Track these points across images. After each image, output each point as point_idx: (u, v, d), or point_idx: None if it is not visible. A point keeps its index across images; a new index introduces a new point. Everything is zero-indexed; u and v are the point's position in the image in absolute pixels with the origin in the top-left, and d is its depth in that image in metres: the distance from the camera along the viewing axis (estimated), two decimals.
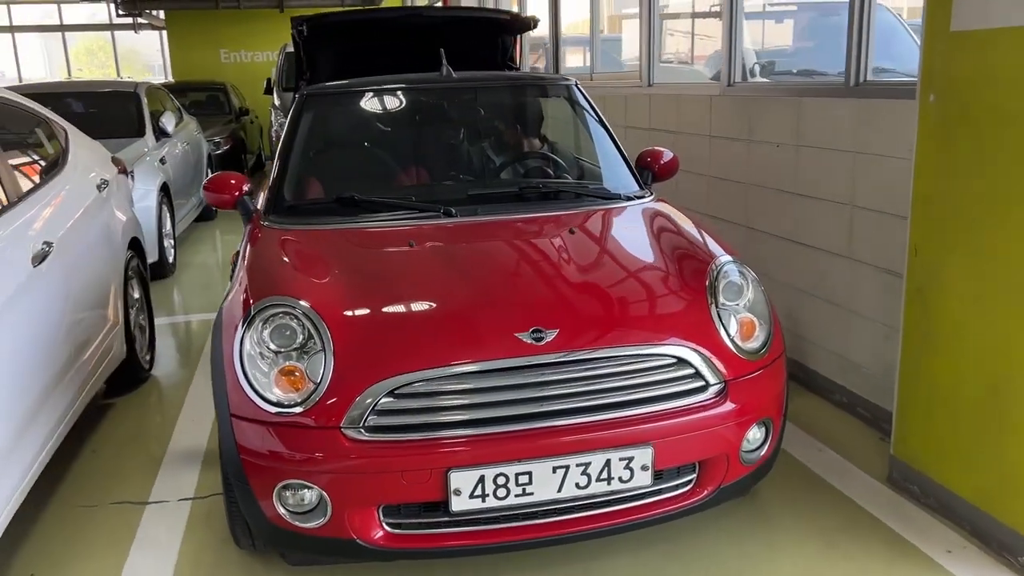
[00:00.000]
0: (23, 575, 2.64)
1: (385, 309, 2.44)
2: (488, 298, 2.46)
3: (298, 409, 2.23)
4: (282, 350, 2.31)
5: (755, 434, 2.51)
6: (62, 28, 22.41)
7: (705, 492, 2.45)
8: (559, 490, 2.25)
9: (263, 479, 2.27)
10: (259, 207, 3.19)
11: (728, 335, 2.46)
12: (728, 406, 2.39)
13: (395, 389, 2.20)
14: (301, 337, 2.31)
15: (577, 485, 2.26)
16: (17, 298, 2.69)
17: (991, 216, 2.43)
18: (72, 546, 2.79)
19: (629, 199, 3.23)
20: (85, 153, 4.02)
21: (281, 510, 2.28)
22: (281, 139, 3.37)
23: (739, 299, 2.57)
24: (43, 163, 3.56)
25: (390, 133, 3.66)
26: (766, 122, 4.02)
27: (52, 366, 2.88)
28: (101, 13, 21.46)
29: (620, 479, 2.28)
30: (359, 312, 2.41)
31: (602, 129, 3.58)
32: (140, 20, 19.01)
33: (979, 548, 2.56)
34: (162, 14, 17.27)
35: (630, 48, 6.82)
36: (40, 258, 2.91)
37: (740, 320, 2.52)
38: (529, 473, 2.22)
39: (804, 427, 3.45)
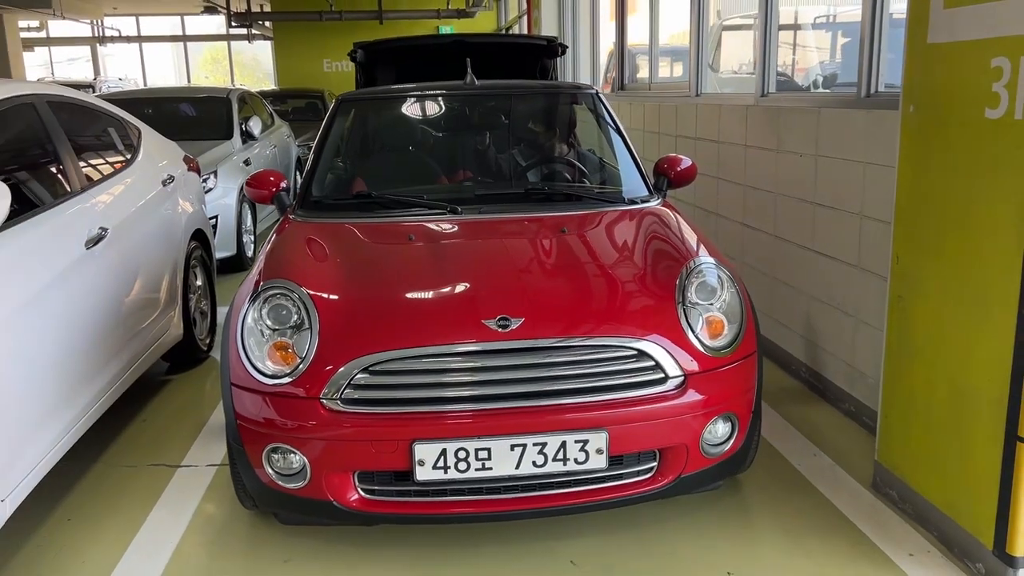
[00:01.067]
0: (62, 519, 2.99)
1: (369, 295, 2.67)
2: (463, 287, 2.66)
3: (286, 380, 2.48)
4: (278, 328, 2.58)
5: (719, 428, 2.61)
6: (184, 39, 23.92)
7: (665, 480, 2.57)
8: (517, 467, 2.42)
9: (255, 442, 2.53)
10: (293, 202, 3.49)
11: (692, 331, 2.57)
12: (687, 398, 2.51)
13: (370, 366, 2.43)
14: (296, 317, 2.57)
15: (534, 463, 2.43)
16: (69, 275, 3.05)
17: (959, 226, 2.46)
18: (107, 500, 3.13)
19: (633, 203, 3.37)
20: (154, 151, 4.43)
21: (270, 471, 2.54)
22: (316, 140, 3.67)
23: (711, 299, 2.68)
24: (111, 158, 3.97)
25: (412, 136, 3.93)
26: (791, 132, 4.07)
27: (100, 338, 3.24)
28: (221, 24, 22.84)
29: (575, 460, 2.44)
30: (346, 297, 2.65)
31: (618, 136, 3.72)
32: (253, 31, 20.12)
33: (941, 553, 2.58)
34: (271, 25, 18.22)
35: (728, 58, 6.81)
36: (94, 241, 3.28)
37: (708, 319, 2.64)
38: (488, 449, 2.40)
39: (807, 433, 3.49)
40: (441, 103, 3.90)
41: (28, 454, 2.68)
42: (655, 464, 2.57)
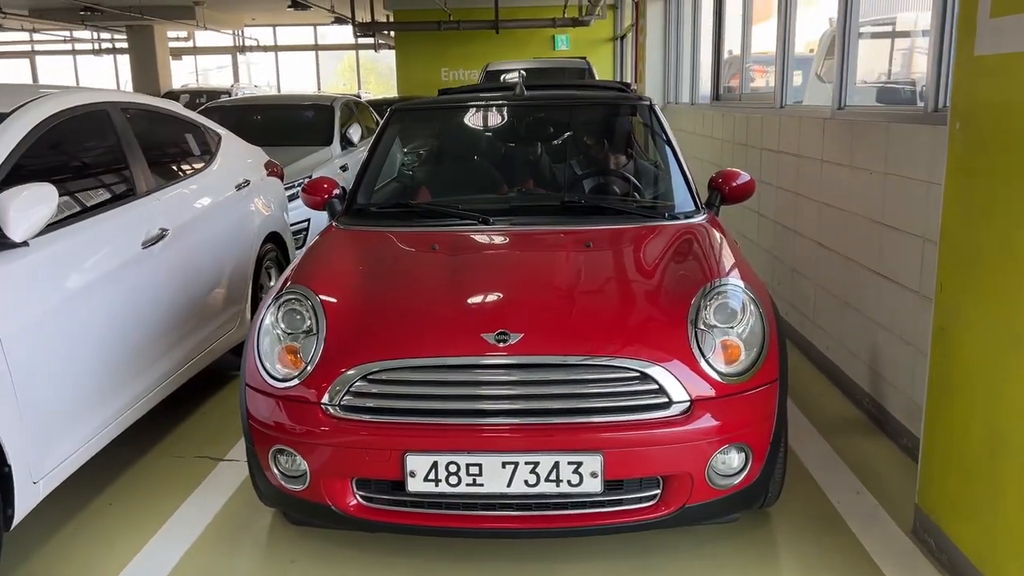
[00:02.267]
0: (104, 504, 3.17)
1: (377, 305, 2.70)
2: (469, 299, 2.65)
3: (292, 384, 2.54)
4: (291, 332, 2.64)
5: (730, 458, 2.49)
6: (316, 48, 24.98)
7: (668, 510, 2.47)
8: (508, 485, 2.38)
9: (263, 443, 2.60)
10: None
11: (703, 356, 2.46)
12: (693, 425, 2.40)
13: (368, 374, 2.45)
14: (307, 324, 2.63)
15: (526, 483, 2.38)
16: (122, 272, 3.23)
17: (1002, 254, 2.25)
18: (148, 488, 3.29)
19: (674, 218, 3.27)
20: (232, 157, 4.64)
21: (276, 472, 2.60)
22: (368, 150, 3.74)
23: (731, 322, 2.56)
24: (184, 162, 4.18)
25: (460, 147, 3.94)
26: (862, 148, 3.84)
27: (154, 333, 3.41)
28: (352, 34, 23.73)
29: (569, 483, 2.37)
30: (355, 305, 2.69)
31: (669, 149, 3.61)
32: (379, 41, 20.80)
33: None
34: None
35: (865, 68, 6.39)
36: (153, 241, 3.45)
37: (724, 343, 2.51)
38: (480, 465, 2.37)
39: (855, 468, 3.28)
40: (491, 114, 3.90)
41: (66, 441, 2.85)
42: (658, 492, 2.47)
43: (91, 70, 28.22)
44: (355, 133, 8.31)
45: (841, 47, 4.18)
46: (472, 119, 3.95)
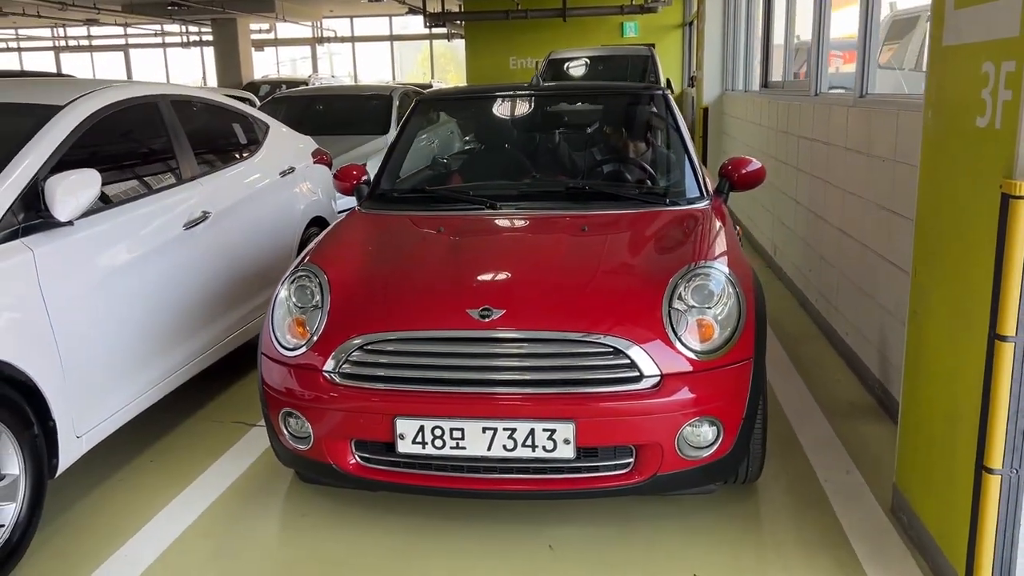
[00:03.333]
0: (146, 460, 3.50)
1: (377, 282, 2.92)
2: (460, 278, 2.85)
3: (298, 352, 2.78)
4: (300, 306, 2.89)
5: (700, 431, 2.62)
6: (391, 38, 25.50)
7: (640, 477, 2.62)
8: (488, 449, 2.58)
9: (274, 406, 2.86)
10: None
11: (675, 333, 2.60)
12: (662, 398, 2.55)
13: (364, 345, 2.68)
14: (316, 299, 2.87)
15: (504, 447, 2.57)
16: (166, 250, 3.54)
17: (959, 240, 2.33)
18: (188, 446, 3.61)
19: (675, 204, 3.39)
20: (278, 145, 4.94)
21: (286, 432, 2.86)
22: (394, 138, 3.98)
23: (707, 303, 2.69)
24: (229, 151, 4.49)
25: (476, 135, 4.13)
26: (878, 135, 3.87)
27: (195, 307, 3.72)
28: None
29: (544, 448, 2.55)
30: (358, 283, 2.91)
31: (679, 137, 3.73)
32: (453, 31, 21.11)
33: None
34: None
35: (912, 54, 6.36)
36: (195, 223, 3.76)
37: (698, 321, 2.65)
38: (462, 430, 2.58)
39: (852, 450, 3.35)
40: (509, 106, 4.09)
41: (109, 402, 3.17)
42: (631, 460, 2.63)
43: (180, 62, 29.50)
44: (425, 121, 8.56)
45: (863, 32, 4.20)
46: (491, 110, 4.14)
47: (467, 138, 4.20)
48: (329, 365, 2.71)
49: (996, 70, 2.05)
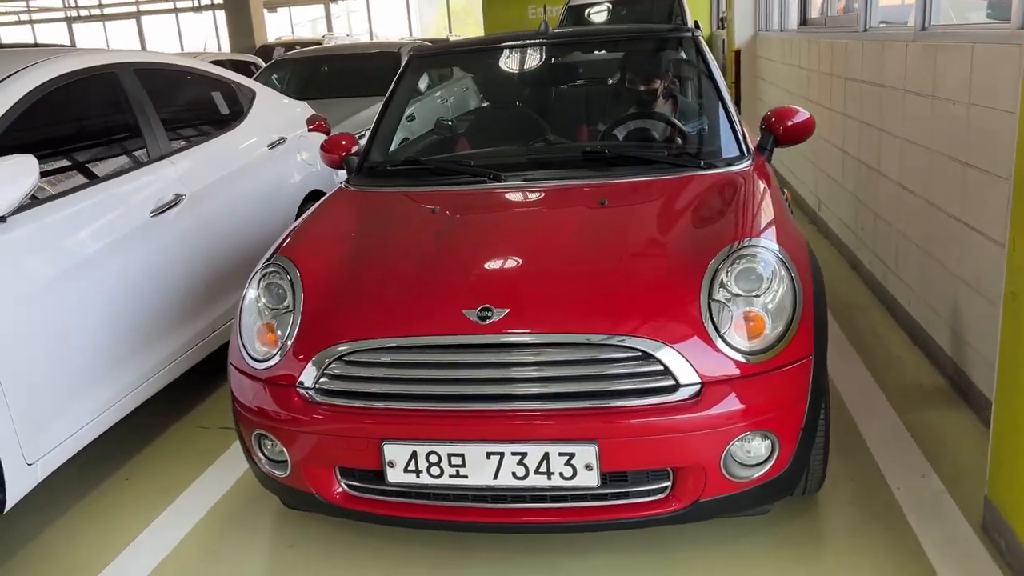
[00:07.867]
0: (121, 479, 3.12)
1: (358, 278, 2.46)
2: (453, 271, 2.38)
3: (269, 364, 2.35)
4: (272, 307, 2.45)
5: (751, 447, 2.16)
6: None
7: (679, 504, 2.17)
8: (495, 477, 2.14)
9: (247, 426, 2.44)
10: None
11: (716, 330, 2.13)
12: (705, 411, 2.08)
13: (343, 355, 2.24)
14: (289, 299, 2.43)
15: (514, 475, 2.13)
16: (128, 242, 3.11)
17: None
18: (166, 462, 3.22)
19: (712, 166, 2.88)
20: (265, 114, 4.47)
21: (261, 456, 2.44)
22: (384, 102, 3.49)
23: (755, 290, 2.21)
24: (207, 124, 4.03)
25: (479, 94, 3.62)
26: (946, 74, 3.31)
27: (169, 303, 3.30)
28: None
29: (561, 475, 2.11)
30: (336, 279, 2.46)
31: (713, 86, 3.20)
32: None
33: None
34: None
35: None
36: (165, 207, 3.33)
37: (746, 314, 2.17)
38: (462, 455, 2.14)
39: (926, 447, 2.87)
40: (516, 58, 3.56)
41: (66, 420, 2.77)
42: (668, 484, 2.18)
43: (193, 28, 28.92)
44: (423, 80, 8.04)
45: None
46: (495, 64, 3.62)
47: (468, 98, 3.69)
48: (305, 379, 2.27)
49: None
